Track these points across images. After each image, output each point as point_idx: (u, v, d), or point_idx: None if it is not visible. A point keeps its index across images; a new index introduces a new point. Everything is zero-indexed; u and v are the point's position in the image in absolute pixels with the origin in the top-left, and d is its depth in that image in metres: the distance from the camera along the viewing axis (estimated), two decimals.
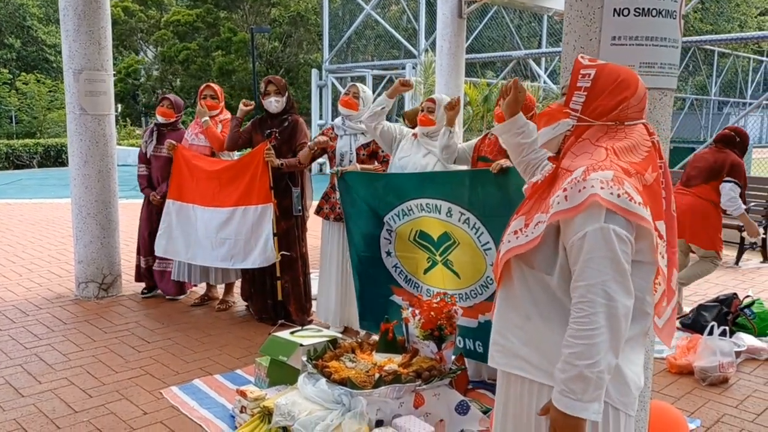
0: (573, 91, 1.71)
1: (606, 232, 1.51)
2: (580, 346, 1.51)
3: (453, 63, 8.29)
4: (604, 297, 1.50)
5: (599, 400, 1.54)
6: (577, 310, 1.54)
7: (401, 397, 2.95)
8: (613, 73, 1.69)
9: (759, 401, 3.57)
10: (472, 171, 3.66)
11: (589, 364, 1.50)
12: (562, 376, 1.55)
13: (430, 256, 3.76)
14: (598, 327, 1.50)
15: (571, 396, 1.53)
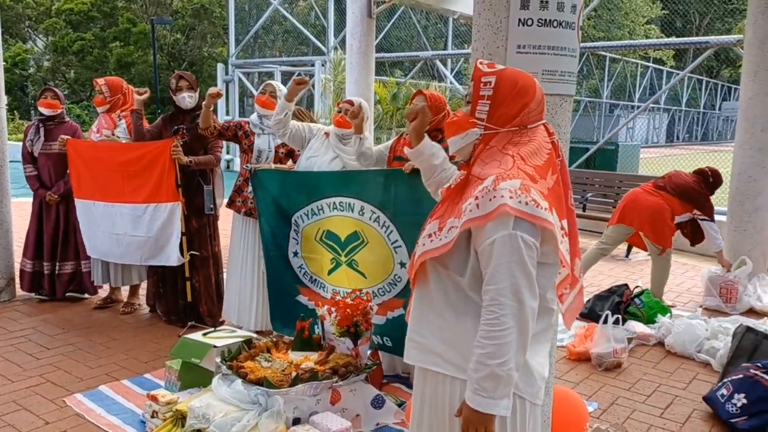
0: (477, 100, 1.79)
1: (514, 238, 1.62)
2: (491, 346, 1.61)
3: (363, 62, 8.36)
4: (513, 300, 1.61)
5: (509, 396, 1.64)
6: (487, 312, 1.63)
7: (318, 394, 2.98)
8: (512, 80, 1.77)
9: (649, 383, 3.87)
10: (386, 170, 3.73)
11: (499, 363, 1.60)
12: (474, 375, 1.63)
13: (334, 257, 3.79)
14: (507, 328, 1.60)
15: (482, 394, 1.62)
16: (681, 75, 16.85)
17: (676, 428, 3.32)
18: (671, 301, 5.42)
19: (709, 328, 4.41)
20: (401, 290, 3.57)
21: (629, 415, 3.45)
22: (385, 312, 3.58)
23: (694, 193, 5.12)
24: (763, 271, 5.57)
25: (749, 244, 5.55)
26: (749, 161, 5.52)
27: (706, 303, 5.40)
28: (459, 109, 1.89)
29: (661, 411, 3.51)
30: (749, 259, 5.44)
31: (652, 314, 4.82)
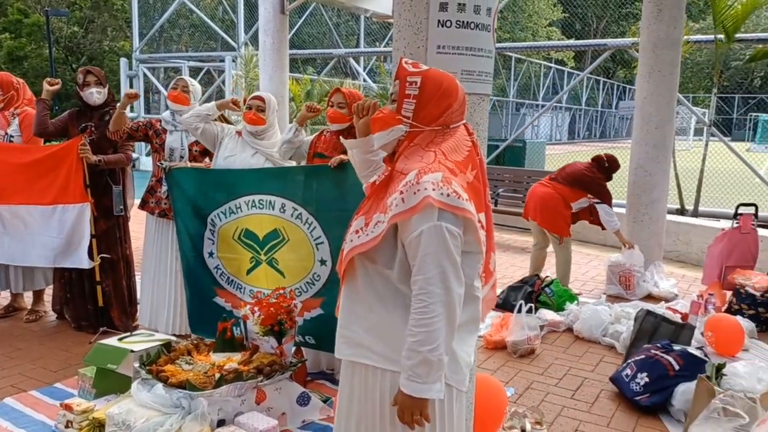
0: (403, 99, 1.84)
1: (439, 229, 1.68)
2: (422, 334, 1.67)
3: (277, 59, 8.28)
4: (441, 288, 1.67)
5: (441, 381, 1.71)
6: (417, 301, 1.69)
7: (243, 394, 2.95)
8: (437, 81, 1.84)
9: (560, 367, 4.09)
10: (310, 166, 3.73)
11: (431, 349, 1.66)
12: (408, 363, 1.69)
13: (253, 256, 3.76)
14: (436, 315, 1.67)
15: (417, 380, 1.68)
16: (581, 76, 17.77)
17: (586, 408, 3.53)
18: (578, 290, 5.72)
19: (613, 314, 4.71)
20: (319, 290, 3.58)
21: (543, 398, 3.63)
22: (302, 313, 3.57)
23: (585, 178, 5.41)
24: (659, 259, 5.99)
25: (646, 234, 5.95)
26: (645, 156, 5.91)
27: (609, 290, 5.74)
28: (385, 105, 1.94)
29: (572, 393, 3.71)
30: (647, 249, 5.84)
31: (561, 302, 5.08)
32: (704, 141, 9.47)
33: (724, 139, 9.72)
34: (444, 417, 1.82)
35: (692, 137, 22.97)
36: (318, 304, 3.59)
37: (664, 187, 6.00)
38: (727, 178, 11.39)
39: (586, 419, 3.40)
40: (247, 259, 3.78)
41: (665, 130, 5.86)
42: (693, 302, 4.74)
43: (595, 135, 34.56)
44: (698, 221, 7.54)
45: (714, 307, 4.77)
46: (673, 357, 3.52)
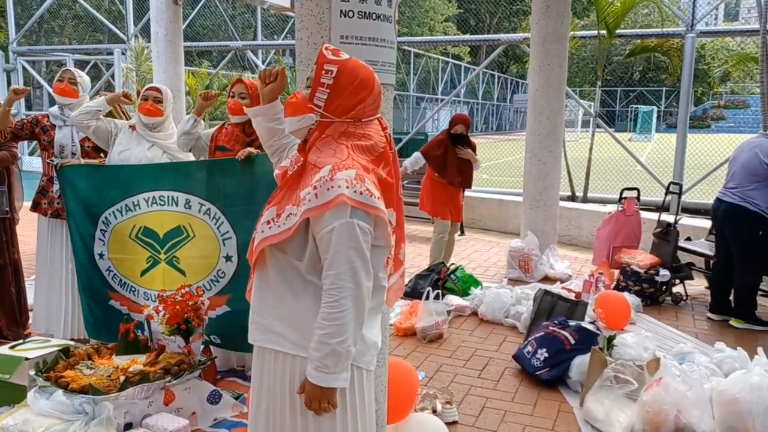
0: (317, 86, 1.82)
1: (351, 226, 1.70)
2: (332, 327, 1.70)
3: (171, 50, 7.99)
4: (351, 283, 1.70)
5: (347, 370, 1.75)
6: (328, 296, 1.71)
7: (150, 396, 2.86)
8: (353, 73, 1.83)
9: (467, 349, 4.24)
10: (215, 161, 3.63)
11: (340, 341, 1.70)
12: (316, 354, 1.72)
13: (151, 255, 3.64)
14: (346, 309, 1.70)
15: (324, 371, 1.72)
16: (477, 70, 18.37)
17: (492, 386, 3.69)
18: (481, 276, 5.94)
19: (514, 296, 4.94)
20: (224, 287, 3.52)
21: (452, 379, 3.76)
22: (206, 312, 3.49)
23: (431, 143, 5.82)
24: (554, 242, 6.33)
25: (542, 219, 6.27)
26: (538, 146, 6.22)
27: (509, 275, 6.00)
28: (299, 89, 1.92)
29: (478, 372, 3.87)
30: (543, 233, 6.16)
31: (466, 287, 5.27)
32: (591, 132, 10.08)
33: (609, 130, 10.38)
34: (355, 398, 1.86)
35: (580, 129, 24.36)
36: (224, 301, 3.53)
37: (557, 174, 6.34)
38: (612, 166, 12.19)
39: (493, 396, 3.55)
40: (143, 259, 3.65)
41: (556, 120, 6.19)
42: (585, 281, 5.06)
43: (493, 128, 35.86)
44: (588, 206, 8.03)
45: (603, 285, 5.11)
46: (569, 332, 3.74)
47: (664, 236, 5.41)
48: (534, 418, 3.31)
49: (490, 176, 15.02)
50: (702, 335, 4.52)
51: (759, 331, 4.61)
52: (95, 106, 3.72)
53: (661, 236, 5.46)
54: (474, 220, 8.53)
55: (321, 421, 1.81)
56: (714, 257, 5.01)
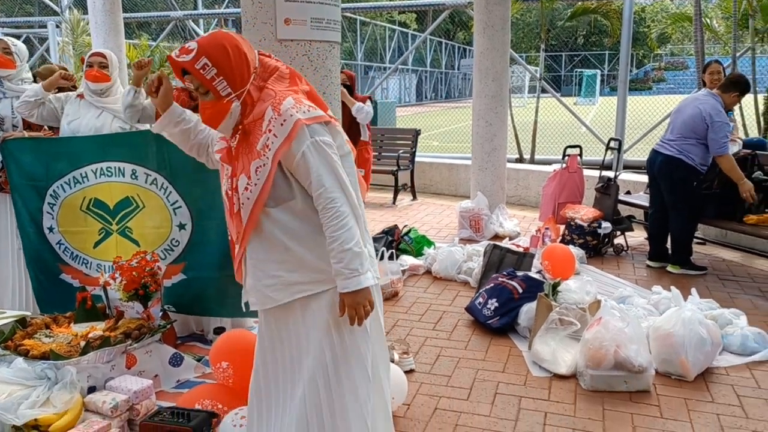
0: (210, 83, 1.81)
1: (316, 144, 1.82)
2: (342, 235, 1.82)
3: (110, 21, 7.75)
4: (339, 192, 1.83)
5: (370, 269, 1.89)
6: (326, 212, 1.83)
7: (112, 360, 2.91)
8: (219, 47, 1.81)
9: (421, 305, 4.40)
10: None
11: (355, 242, 1.83)
12: (340, 265, 1.84)
13: (103, 227, 3.64)
14: (346, 215, 1.83)
15: (354, 274, 1.83)
16: (423, 36, 18.39)
17: (446, 336, 3.85)
18: (434, 237, 6.10)
19: (465, 253, 5.11)
20: (179, 255, 3.56)
21: (408, 332, 3.91)
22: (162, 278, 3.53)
23: None
24: (503, 202, 6.53)
25: (490, 180, 6.44)
26: (485, 108, 6.36)
27: (461, 234, 6.18)
28: (202, 101, 1.89)
29: (433, 325, 4.03)
30: (492, 193, 6.34)
31: (419, 248, 5.41)
32: (537, 95, 10.30)
33: (555, 94, 10.63)
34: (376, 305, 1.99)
35: (527, 94, 24.71)
36: (179, 269, 3.56)
37: (503, 135, 6.51)
38: (558, 129, 12.49)
39: (447, 345, 3.72)
40: (96, 231, 3.64)
41: (501, 82, 6.33)
42: (532, 237, 5.28)
43: (441, 96, 36.03)
44: (535, 167, 8.26)
45: (550, 239, 5.32)
46: (517, 282, 3.93)
47: (606, 191, 5.65)
48: (486, 363, 3.49)
49: (440, 143, 15.19)
50: (641, 281, 4.79)
51: (693, 275, 4.91)
52: (33, 96, 3.64)
53: (602, 191, 5.70)
54: (426, 185, 8.68)
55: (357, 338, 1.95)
56: (650, 208, 5.27)
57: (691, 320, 3.29)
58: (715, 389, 3.19)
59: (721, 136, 4.61)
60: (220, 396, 2.72)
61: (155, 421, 2.46)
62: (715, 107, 4.66)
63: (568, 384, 3.23)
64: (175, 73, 1.86)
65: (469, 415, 2.95)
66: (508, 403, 3.05)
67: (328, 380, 1.95)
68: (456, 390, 3.19)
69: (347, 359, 1.96)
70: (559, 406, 3.03)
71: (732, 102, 4.75)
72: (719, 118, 4.63)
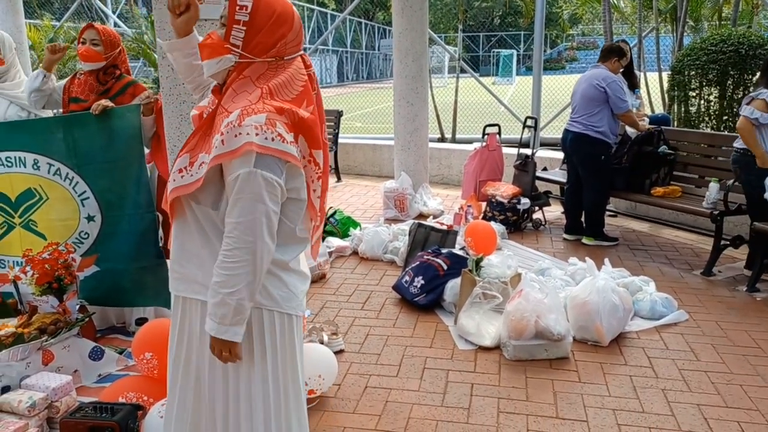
0: (231, 24, 1.69)
1: (254, 176, 1.61)
2: (223, 276, 1.64)
3: (7, 2, 7.28)
4: (248, 235, 1.62)
5: (241, 325, 1.69)
6: (225, 243, 1.65)
7: (27, 357, 2.78)
8: (270, 7, 1.70)
9: (349, 286, 4.42)
10: (66, 116, 3.43)
11: (230, 292, 1.64)
12: (210, 301, 1.67)
13: (5, 220, 3.46)
14: (239, 261, 1.63)
15: (215, 320, 1.67)
16: (342, 16, 18.24)
17: (375, 316, 3.90)
18: (360, 218, 6.12)
19: (391, 233, 5.16)
20: (89, 247, 3.43)
21: (337, 313, 3.93)
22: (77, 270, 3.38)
23: None
24: (426, 181, 6.62)
25: (413, 159, 6.52)
26: (406, 88, 6.41)
27: (386, 214, 6.23)
28: (214, 30, 1.78)
29: (361, 305, 4.06)
30: (415, 173, 6.42)
31: (345, 229, 5.42)
32: (456, 75, 10.46)
33: (474, 74, 10.82)
34: (276, 343, 1.83)
35: (447, 75, 25.05)
36: (92, 261, 3.43)
37: (425, 115, 6.58)
38: (478, 109, 12.75)
39: (375, 324, 3.77)
40: None
41: (421, 62, 6.38)
42: (455, 214, 5.40)
43: (363, 76, 35.96)
44: (456, 146, 8.41)
45: (472, 216, 5.46)
46: (441, 259, 4.02)
47: (524, 168, 5.84)
48: (414, 339, 3.56)
49: (363, 124, 15.22)
50: (559, 254, 5.00)
51: (606, 246, 5.17)
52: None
53: (520, 168, 5.89)
54: (349, 166, 8.68)
55: (247, 366, 1.79)
56: (566, 183, 5.49)
57: (604, 288, 3.47)
58: (628, 352, 3.39)
59: (619, 94, 4.95)
60: (145, 388, 2.66)
61: (77, 417, 2.38)
62: (603, 74, 5.04)
63: (493, 355, 3.35)
64: None
65: (398, 391, 3.01)
66: (436, 377, 3.14)
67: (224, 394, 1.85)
68: (385, 367, 3.24)
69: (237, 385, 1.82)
70: (484, 377, 3.14)
71: (615, 68, 5.10)
72: (612, 80, 4.99)
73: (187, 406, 1.90)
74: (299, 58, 1.77)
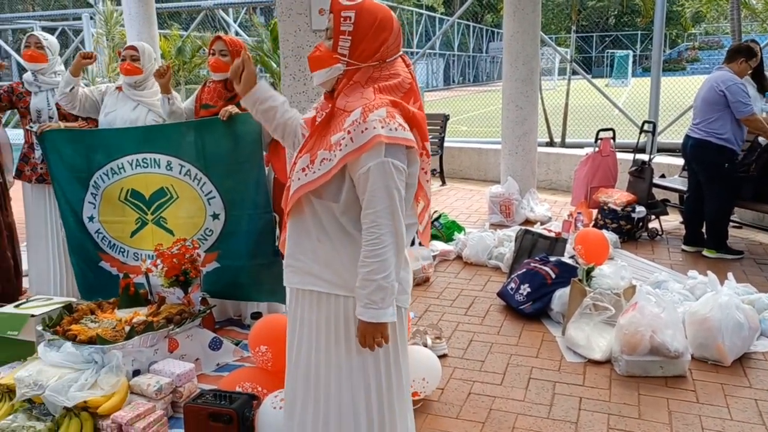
0: (338, 36, 1.82)
1: (386, 165, 1.75)
2: (375, 263, 1.77)
3: (143, 12, 7.85)
4: (389, 219, 1.76)
5: (393, 305, 1.83)
6: (368, 234, 1.78)
7: (155, 344, 3.00)
8: (372, 15, 1.82)
9: (453, 290, 4.42)
10: (197, 121, 3.65)
11: (384, 276, 1.77)
12: (363, 291, 1.80)
13: (139, 216, 3.73)
14: (387, 245, 1.76)
15: (373, 307, 1.79)
16: (451, 20, 18.20)
17: (479, 322, 3.88)
18: (464, 222, 6.11)
19: (496, 238, 5.11)
20: (212, 244, 3.63)
21: (440, 317, 3.95)
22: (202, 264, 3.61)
23: None
24: (534, 187, 6.49)
25: (521, 164, 6.41)
26: (515, 92, 6.31)
27: (491, 220, 6.17)
28: (321, 42, 1.92)
29: (465, 311, 4.05)
30: (523, 178, 6.32)
31: (450, 233, 5.43)
32: (567, 78, 10.16)
33: (587, 76, 10.47)
34: (396, 335, 1.97)
35: (557, 77, 24.35)
36: (213, 258, 3.64)
37: (534, 119, 6.46)
38: (589, 112, 12.31)
39: (479, 330, 3.75)
40: (132, 221, 3.74)
41: (531, 65, 6.27)
42: (564, 221, 5.25)
43: (469, 79, 35.71)
44: (566, 151, 8.18)
45: (582, 224, 5.30)
46: (549, 267, 3.93)
47: (640, 174, 5.59)
48: (519, 348, 3.50)
49: (468, 127, 15.12)
50: (676, 266, 4.74)
51: (729, 259, 4.84)
52: (64, 86, 3.73)
53: (636, 174, 5.64)
54: (454, 170, 8.67)
55: (366, 355, 1.90)
56: (686, 192, 5.20)
57: (728, 305, 3.26)
58: (753, 374, 3.16)
59: (740, 98, 4.62)
60: (260, 379, 2.80)
61: (199, 403, 2.54)
62: (725, 76, 4.72)
63: (603, 369, 3.23)
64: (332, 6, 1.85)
65: (503, 400, 2.98)
66: (543, 388, 3.07)
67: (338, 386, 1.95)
68: (489, 375, 3.22)
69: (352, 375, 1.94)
70: (593, 391, 3.04)
71: (742, 69, 4.77)
72: (732, 82, 4.66)
73: (297, 393, 2.01)
74: (399, 58, 1.90)
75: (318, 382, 1.96)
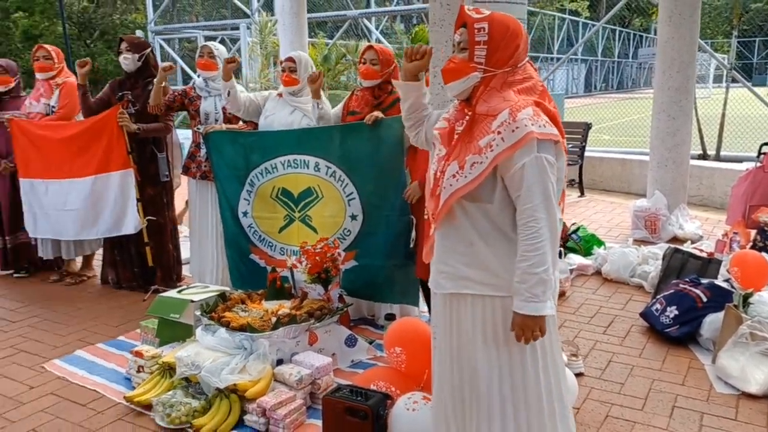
0: (474, 46, 1.93)
1: (540, 160, 1.85)
2: (535, 257, 1.83)
3: (296, 22, 8.31)
4: (545, 213, 1.84)
5: (552, 298, 1.90)
6: (526, 228, 1.85)
7: (297, 336, 3.17)
8: (503, 24, 1.94)
9: (590, 307, 4.26)
10: (343, 126, 3.81)
11: (544, 269, 1.84)
12: (524, 286, 1.86)
13: (288, 213, 3.93)
14: (544, 238, 1.84)
15: (534, 300, 1.85)
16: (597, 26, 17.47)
17: (618, 342, 3.70)
18: (604, 236, 5.85)
19: (640, 255, 4.84)
20: (350, 243, 3.77)
21: (577, 334, 3.82)
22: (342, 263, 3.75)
23: None
24: (684, 202, 6.08)
25: (670, 177, 6.02)
26: (667, 101, 5.95)
27: (634, 235, 5.86)
28: (453, 55, 2.02)
29: (603, 329, 3.89)
30: (672, 192, 5.93)
31: (588, 247, 5.23)
32: (725, 86, 9.41)
33: (747, 84, 9.63)
34: (553, 340, 2.03)
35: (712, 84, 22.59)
36: (351, 257, 3.78)
37: (687, 130, 6.05)
38: (749, 123, 11.30)
39: (619, 351, 3.58)
40: (281, 218, 3.97)
41: (687, 73, 5.88)
42: (718, 241, 4.88)
43: (612, 86, 34.06)
44: (721, 165, 7.57)
45: (738, 245, 4.88)
46: (701, 290, 3.67)
47: None
48: (663, 373, 3.30)
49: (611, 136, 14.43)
50: None
51: None
52: (225, 90, 3.99)
53: None
54: (595, 180, 8.32)
55: (524, 353, 1.97)
56: None
57: None
58: None
59: None
60: (394, 379, 2.86)
61: (336, 396, 2.65)
62: None
63: (759, 405, 2.97)
64: (457, 23, 2.00)
65: (643, 426, 2.82)
66: (688, 419, 2.88)
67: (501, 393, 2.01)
68: (629, 399, 3.06)
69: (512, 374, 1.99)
70: (748, 427, 2.80)
71: None
72: None
73: (455, 396, 2.09)
74: (527, 63, 2.00)
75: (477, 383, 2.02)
